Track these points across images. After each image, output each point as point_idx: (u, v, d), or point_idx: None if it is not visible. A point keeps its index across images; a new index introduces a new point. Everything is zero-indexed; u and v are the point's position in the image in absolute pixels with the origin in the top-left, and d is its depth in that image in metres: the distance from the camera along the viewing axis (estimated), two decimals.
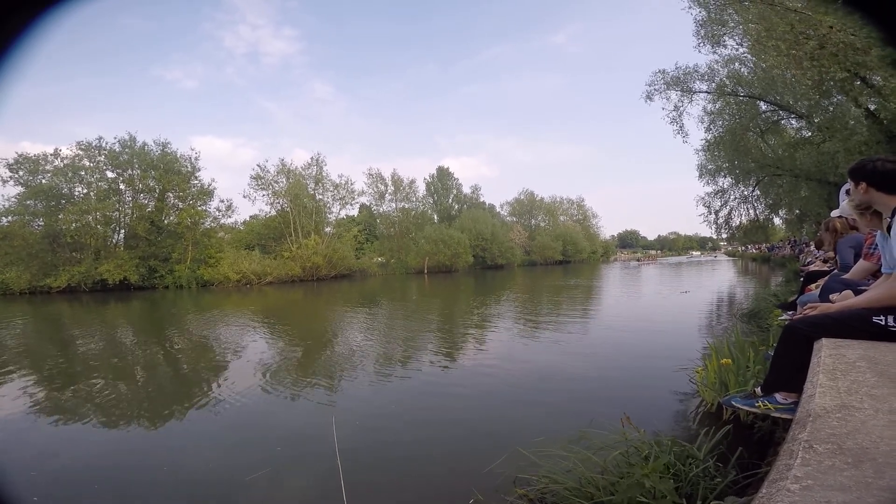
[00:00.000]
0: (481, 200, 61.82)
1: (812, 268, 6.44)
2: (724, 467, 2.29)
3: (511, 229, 59.15)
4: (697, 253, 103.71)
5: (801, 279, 5.38)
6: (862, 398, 1.42)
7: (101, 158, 28.80)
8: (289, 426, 4.34)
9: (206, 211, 31.74)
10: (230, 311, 15.80)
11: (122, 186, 29.57)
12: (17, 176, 26.68)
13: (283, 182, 37.44)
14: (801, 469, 1.02)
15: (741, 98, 17.15)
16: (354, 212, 48.40)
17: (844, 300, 2.44)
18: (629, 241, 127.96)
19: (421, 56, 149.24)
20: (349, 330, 10.78)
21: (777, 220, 26.67)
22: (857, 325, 2.14)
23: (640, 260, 69.08)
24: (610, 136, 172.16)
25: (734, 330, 5.58)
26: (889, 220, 2.22)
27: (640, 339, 8.03)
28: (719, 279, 24.82)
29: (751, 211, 23.83)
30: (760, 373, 3.46)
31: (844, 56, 9.73)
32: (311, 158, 39.69)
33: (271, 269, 32.32)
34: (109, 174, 29.29)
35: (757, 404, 2.21)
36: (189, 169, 31.11)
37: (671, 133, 18.49)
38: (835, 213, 4.61)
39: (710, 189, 22.95)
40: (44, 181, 27.21)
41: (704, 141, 20.01)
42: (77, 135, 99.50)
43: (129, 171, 29.37)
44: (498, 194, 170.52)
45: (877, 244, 2.74)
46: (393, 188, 48.95)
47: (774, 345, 2.50)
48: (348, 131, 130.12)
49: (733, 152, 19.09)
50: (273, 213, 37.93)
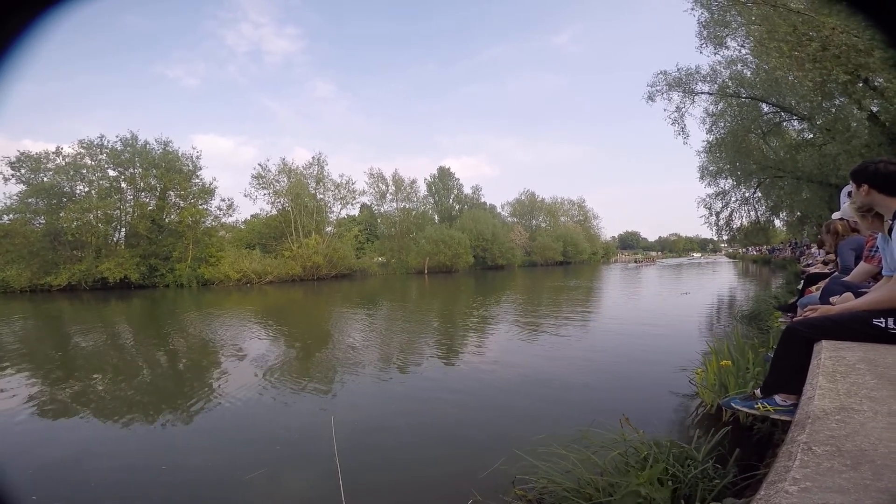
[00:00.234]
0: (482, 201, 61.92)
1: (812, 270, 6.43)
2: (722, 469, 2.28)
3: (512, 230, 59.16)
4: (698, 254, 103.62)
5: (802, 281, 5.38)
6: (861, 400, 1.42)
7: (103, 157, 28.86)
8: (288, 426, 4.34)
9: (207, 210, 31.81)
10: (230, 310, 15.81)
11: (123, 185, 29.64)
12: (18, 174, 26.73)
13: (284, 181, 37.51)
14: (800, 471, 1.02)
15: (743, 100, 17.12)
16: (355, 211, 48.53)
17: (845, 302, 2.44)
18: (630, 243, 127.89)
19: (422, 56, 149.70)
20: (349, 330, 10.78)
21: (778, 223, 26.62)
22: (857, 328, 2.14)
23: (639, 261, 67.50)
24: (610, 136, 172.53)
25: (734, 331, 5.58)
26: (890, 222, 2.21)
27: (640, 340, 8.02)
28: (719, 281, 24.80)
29: (752, 213, 23.77)
30: (760, 374, 3.45)
31: (847, 58, 9.72)
32: (313, 158, 39.81)
33: (272, 268, 32.35)
34: (111, 172, 29.39)
35: (756, 406, 2.21)
36: (190, 168, 31.19)
37: (672, 134, 18.49)
38: (836, 216, 4.61)
39: (711, 190, 22.91)
40: (45, 179, 27.25)
41: (706, 142, 20.01)
42: (79, 133, 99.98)
43: (131, 170, 29.42)
44: (499, 194, 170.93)
45: (878, 246, 2.74)
46: (394, 188, 48.99)
47: (774, 346, 2.50)
48: (349, 130, 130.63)
49: (735, 154, 19.06)
50: (274, 212, 38.01)
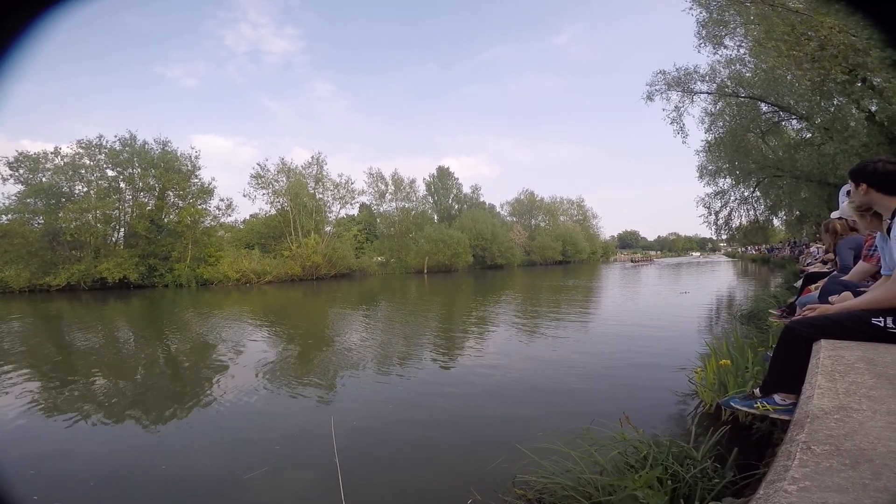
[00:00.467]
0: (481, 200, 61.89)
1: (811, 269, 6.44)
2: (721, 468, 2.29)
3: (511, 229, 59.14)
4: (697, 254, 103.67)
5: (801, 280, 5.38)
6: (860, 400, 1.43)
7: (102, 157, 28.76)
8: (287, 425, 4.34)
9: (206, 209, 31.68)
10: (230, 309, 15.79)
11: (122, 185, 29.54)
12: (17, 174, 26.61)
13: (283, 181, 37.41)
14: (799, 470, 1.02)
15: (742, 99, 17.12)
16: (354, 211, 48.42)
17: (843, 302, 2.45)
18: (629, 242, 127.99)
19: (422, 56, 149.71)
20: (348, 330, 10.78)
21: (777, 222, 26.63)
22: (855, 327, 2.14)
23: (635, 261, 64.42)
24: (611, 136, 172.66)
25: (733, 331, 5.59)
26: (889, 221, 2.22)
27: (640, 339, 8.03)
28: (719, 280, 24.84)
29: (751, 212, 23.80)
30: (759, 374, 3.46)
31: (845, 57, 9.73)
32: (312, 157, 39.71)
33: (271, 268, 32.28)
34: (110, 172, 29.28)
35: (755, 405, 2.21)
36: (189, 167, 31.07)
37: (671, 134, 18.48)
38: (835, 215, 4.61)
39: (710, 190, 22.93)
40: (44, 179, 27.16)
41: (705, 142, 20.01)
42: (78, 133, 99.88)
43: (130, 170, 29.32)
44: (498, 194, 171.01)
45: (876, 246, 2.74)
46: (393, 188, 48.96)
47: (773, 346, 2.50)
48: (349, 130, 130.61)
49: (734, 153, 19.06)
50: (273, 212, 37.90)
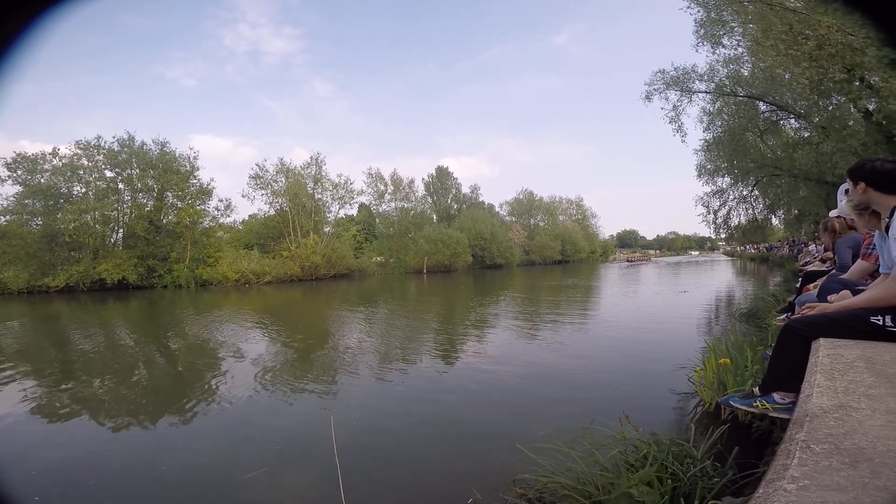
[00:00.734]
0: (480, 200, 61.77)
1: (810, 268, 6.45)
2: (721, 467, 2.29)
3: (510, 229, 59.08)
4: (696, 252, 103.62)
5: (800, 279, 5.39)
6: (859, 398, 1.43)
7: (100, 158, 28.66)
8: (287, 426, 4.34)
9: (204, 210, 31.60)
10: (229, 310, 15.77)
11: (120, 186, 29.43)
12: (15, 175, 26.51)
13: (282, 181, 37.36)
14: (799, 469, 1.02)
15: (740, 98, 17.13)
16: (353, 211, 48.36)
17: (842, 300, 2.45)
18: (628, 241, 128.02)
19: (422, 56, 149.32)
20: (348, 330, 10.78)
21: (775, 220, 26.61)
22: (854, 325, 2.14)
23: (632, 260, 60.90)
24: (610, 136, 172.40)
25: (732, 330, 5.61)
26: (887, 220, 2.22)
27: (639, 338, 8.04)
28: (718, 279, 24.87)
29: (749, 211, 23.82)
30: (758, 372, 3.47)
31: (842, 56, 9.75)
32: (311, 158, 39.56)
33: (270, 268, 32.22)
34: (108, 173, 29.14)
35: (755, 404, 2.21)
36: (188, 168, 30.98)
37: (671, 133, 18.52)
38: (833, 213, 4.62)
39: (708, 189, 22.94)
40: (42, 180, 27.05)
41: (703, 141, 20.03)
42: (77, 133, 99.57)
43: (128, 171, 29.23)
44: (498, 194, 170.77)
45: (875, 244, 2.74)
46: (392, 188, 48.91)
47: (773, 345, 2.50)
48: (349, 130, 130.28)
49: (732, 152, 19.08)
50: (272, 212, 37.84)
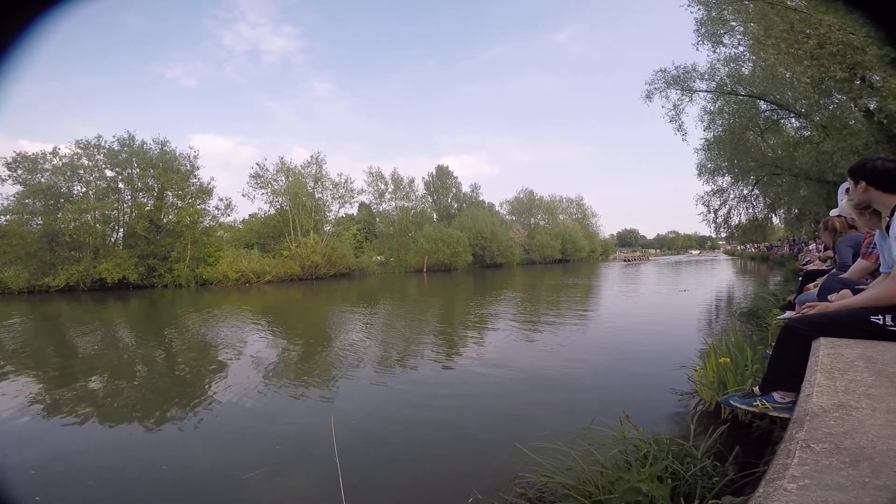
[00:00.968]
0: (481, 199, 61.73)
1: (810, 267, 6.46)
2: (721, 466, 2.29)
3: (510, 228, 59.05)
4: (696, 252, 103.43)
5: (800, 278, 5.39)
6: (859, 397, 1.43)
7: (100, 157, 28.68)
8: (287, 425, 4.34)
9: (205, 209, 31.62)
10: (229, 310, 15.78)
11: (120, 185, 29.45)
12: (15, 175, 26.55)
13: (282, 180, 37.38)
14: (799, 468, 1.02)
15: (741, 97, 17.12)
16: (354, 210, 48.38)
17: (843, 299, 2.45)
18: (628, 240, 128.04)
19: (422, 55, 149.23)
20: (348, 329, 10.78)
21: (776, 220, 26.65)
22: (854, 325, 2.14)
23: (628, 260, 58.53)
24: (611, 136, 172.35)
25: (732, 329, 5.61)
26: (888, 219, 2.21)
27: (639, 337, 8.03)
28: (718, 278, 24.86)
29: (750, 210, 23.82)
30: (759, 372, 3.46)
31: (843, 56, 9.74)
32: (311, 157, 39.64)
33: (270, 267, 32.23)
34: (108, 173, 29.17)
35: (755, 403, 2.21)
36: (188, 167, 30.99)
37: (671, 133, 18.55)
38: (834, 212, 4.62)
39: (709, 188, 22.95)
40: (42, 180, 27.09)
41: (704, 140, 20.02)
42: (77, 133, 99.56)
43: (128, 170, 29.25)
44: (498, 193, 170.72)
45: (875, 243, 2.74)
46: (392, 187, 48.92)
47: (773, 344, 2.50)
48: (349, 130, 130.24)
49: (733, 151, 19.07)
50: (272, 211, 37.87)
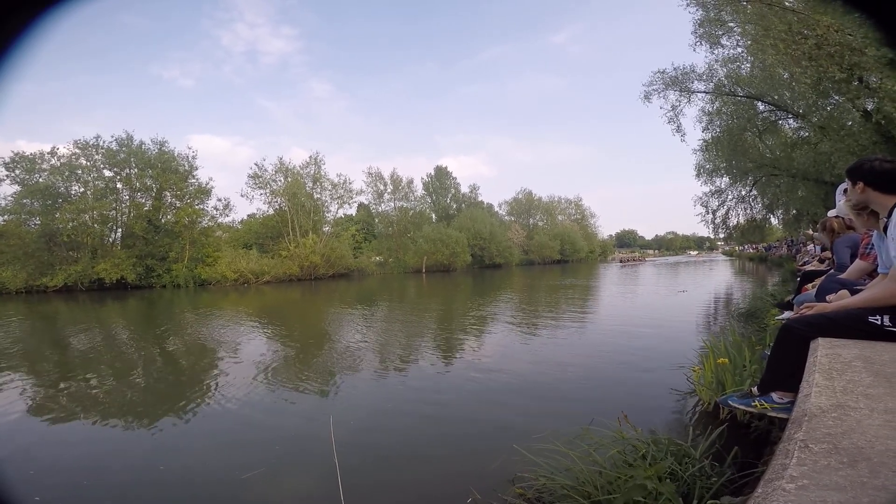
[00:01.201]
0: (479, 200, 61.79)
1: (808, 267, 6.47)
2: (720, 466, 2.29)
3: (509, 228, 59.11)
4: (695, 252, 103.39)
5: (798, 279, 5.40)
6: (857, 398, 1.43)
7: (98, 157, 28.64)
8: (286, 426, 4.34)
9: (203, 210, 31.61)
10: (228, 310, 15.76)
11: (119, 185, 29.40)
12: (13, 175, 26.54)
13: (280, 181, 37.35)
14: (797, 468, 1.03)
15: (739, 98, 17.14)
16: (353, 211, 48.38)
17: (840, 300, 2.46)
18: (627, 241, 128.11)
19: (421, 56, 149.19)
20: (347, 330, 10.77)
21: (774, 220, 26.68)
22: (852, 325, 2.15)
23: (624, 261, 56.29)
24: (611, 136, 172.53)
25: (731, 329, 5.62)
26: (886, 219, 2.22)
27: (638, 338, 8.04)
28: (716, 279, 24.90)
29: (748, 211, 23.84)
30: (757, 372, 3.47)
31: (841, 56, 9.77)
32: (310, 157, 39.61)
33: (269, 268, 32.21)
34: (106, 173, 29.14)
35: (753, 403, 2.21)
36: (186, 168, 30.96)
37: (670, 133, 18.54)
38: (832, 213, 4.63)
39: (707, 189, 22.97)
40: (40, 180, 27.05)
41: (702, 141, 20.02)
42: (75, 133, 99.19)
43: (126, 170, 29.21)
44: (497, 193, 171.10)
45: (873, 244, 2.75)
46: (392, 187, 48.92)
47: (771, 344, 2.51)
48: (348, 130, 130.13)
49: (731, 152, 19.09)
50: (271, 212, 37.84)
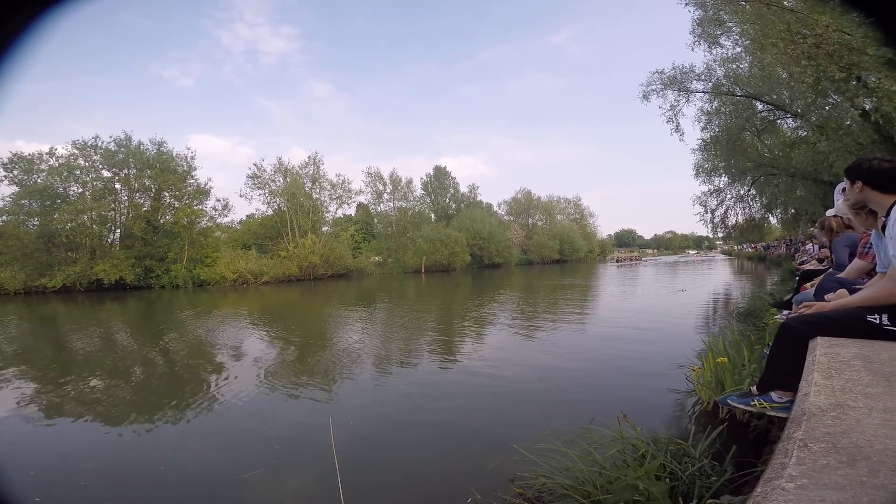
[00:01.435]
0: (479, 199, 61.86)
1: (807, 267, 6.48)
2: (719, 466, 2.30)
3: (508, 228, 59.15)
4: (693, 252, 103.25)
5: (797, 278, 5.41)
6: (856, 397, 1.43)
7: (97, 157, 28.63)
8: (286, 426, 4.34)
9: (202, 210, 31.58)
10: (227, 310, 15.74)
11: (117, 186, 29.38)
12: (11, 175, 26.52)
13: (279, 181, 37.34)
14: (796, 468, 1.03)
15: (738, 97, 17.15)
16: (352, 211, 48.39)
17: (839, 299, 2.46)
18: (626, 241, 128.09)
19: (421, 56, 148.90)
20: (346, 330, 10.77)
21: (773, 220, 26.68)
22: (851, 324, 2.15)
23: (620, 261, 54.68)
24: (611, 136, 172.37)
25: (730, 329, 5.63)
26: (884, 218, 2.22)
27: (637, 337, 8.05)
28: (715, 278, 24.93)
29: (747, 210, 23.82)
30: (756, 371, 3.47)
31: (840, 56, 9.78)
32: (309, 157, 39.59)
33: (268, 268, 32.19)
34: (105, 173, 29.13)
35: (753, 403, 2.22)
36: (185, 168, 30.95)
37: (669, 133, 18.53)
38: (830, 212, 4.64)
39: (706, 188, 22.95)
40: (39, 180, 27.02)
41: (701, 140, 20.04)
42: (75, 133, 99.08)
43: (125, 171, 29.19)
44: (496, 193, 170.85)
45: (871, 243, 2.76)
46: (391, 187, 48.93)
47: (770, 343, 2.52)
48: (347, 130, 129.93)
49: (729, 152, 19.10)
50: (270, 212, 37.82)
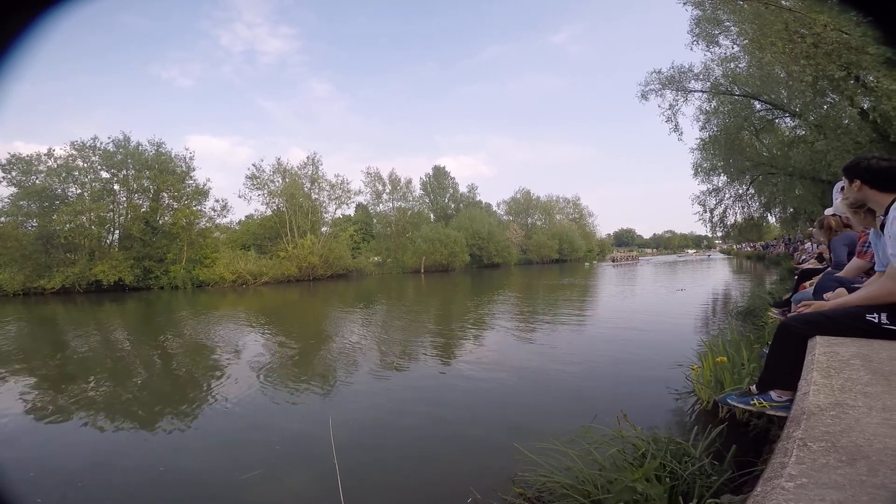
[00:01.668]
0: (478, 199, 61.89)
1: (806, 266, 6.48)
2: (719, 465, 2.30)
3: (507, 228, 59.18)
4: (692, 251, 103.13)
5: (796, 277, 5.41)
6: (856, 396, 1.43)
7: (95, 158, 28.59)
8: (285, 426, 4.33)
9: (201, 211, 31.58)
10: (226, 311, 15.73)
11: (116, 187, 29.36)
12: (9, 176, 26.49)
13: (278, 181, 37.33)
14: (796, 467, 1.03)
15: (736, 97, 17.18)
16: (351, 211, 48.39)
17: (838, 298, 2.46)
18: (625, 240, 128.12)
19: (421, 55, 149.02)
20: (346, 331, 10.76)
21: (771, 219, 26.68)
22: (850, 323, 2.15)
23: (616, 261, 53.86)
24: (610, 136, 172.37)
25: (729, 328, 5.62)
26: (882, 217, 2.23)
27: (637, 337, 8.05)
28: (714, 278, 24.96)
29: (745, 209, 23.82)
30: (756, 370, 3.47)
31: (838, 55, 9.79)
32: (308, 158, 39.54)
33: (267, 269, 32.17)
34: (104, 174, 29.09)
35: (752, 402, 2.22)
36: (184, 169, 30.93)
37: (668, 132, 18.57)
38: (829, 211, 4.64)
39: (705, 187, 22.96)
40: (37, 182, 26.98)
41: (699, 139, 20.07)
42: (74, 134, 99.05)
43: (124, 172, 29.16)
44: (496, 193, 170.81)
45: (870, 242, 2.76)
46: (390, 187, 48.94)
47: (769, 342, 2.52)
48: (347, 130, 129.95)
49: (728, 151, 19.13)
50: (269, 212, 37.80)
